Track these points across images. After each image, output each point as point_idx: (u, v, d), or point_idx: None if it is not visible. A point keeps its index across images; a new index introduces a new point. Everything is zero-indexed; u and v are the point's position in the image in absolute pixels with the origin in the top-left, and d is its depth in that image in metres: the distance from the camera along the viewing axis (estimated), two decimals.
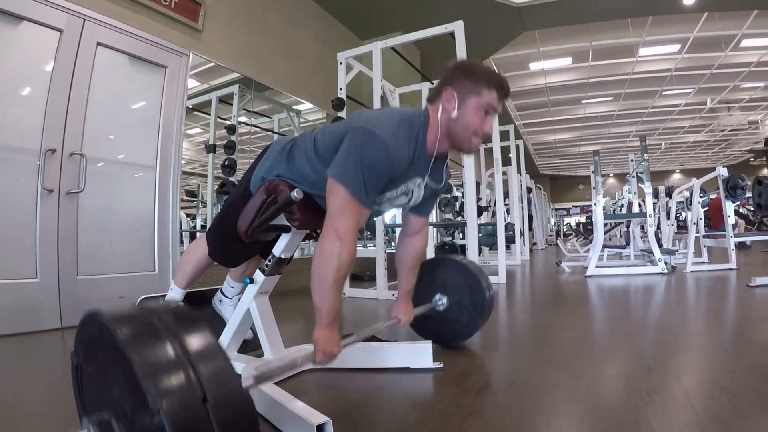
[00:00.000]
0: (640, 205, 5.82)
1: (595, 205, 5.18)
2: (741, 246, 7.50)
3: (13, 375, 1.85)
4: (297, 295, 3.73)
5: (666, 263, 4.71)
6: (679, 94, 11.52)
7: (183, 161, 3.56)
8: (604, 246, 5.70)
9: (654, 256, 4.78)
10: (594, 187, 5.24)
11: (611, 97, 11.73)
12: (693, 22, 7.49)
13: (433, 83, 4.72)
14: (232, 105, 4.27)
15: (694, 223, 5.16)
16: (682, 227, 7.77)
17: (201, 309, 1.88)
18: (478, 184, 7.64)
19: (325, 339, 1.26)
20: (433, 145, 1.37)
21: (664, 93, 11.30)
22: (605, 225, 5.87)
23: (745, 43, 8.28)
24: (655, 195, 6.51)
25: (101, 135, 3.05)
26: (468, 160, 3.85)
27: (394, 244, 5.10)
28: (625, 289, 3.90)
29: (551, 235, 15.88)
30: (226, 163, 3.99)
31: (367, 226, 4.82)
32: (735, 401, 1.25)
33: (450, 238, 6.71)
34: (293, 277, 3.03)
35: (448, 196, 6.54)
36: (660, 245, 5.07)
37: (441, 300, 1.95)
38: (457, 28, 3.65)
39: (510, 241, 6.58)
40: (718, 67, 9.47)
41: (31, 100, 2.72)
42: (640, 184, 5.42)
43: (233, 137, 4.14)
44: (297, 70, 5.03)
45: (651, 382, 1.44)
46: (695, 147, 18.34)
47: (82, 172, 2.85)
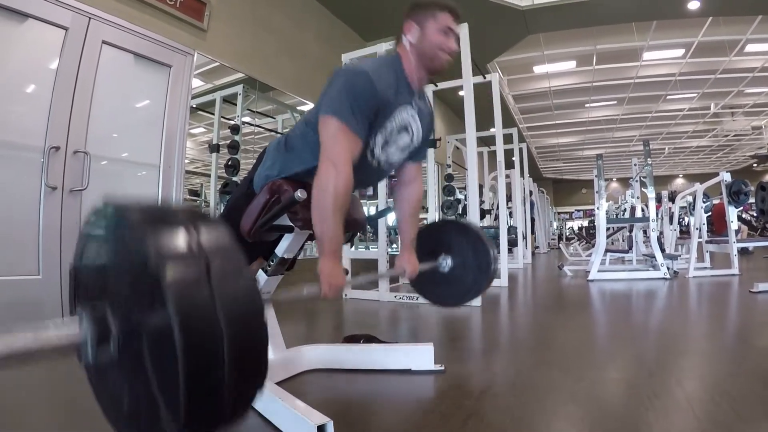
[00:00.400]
0: (642, 210, 5.82)
1: (597, 209, 5.16)
2: (743, 252, 7.47)
3: (14, 372, 1.85)
4: None
5: (668, 268, 4.70)
6: (682, 99, 11.48)
7: (186, 160, 3.57)
8: (607, 250, 5.69)
9: (656, 260, 4.77)
10: (597, 191, 5.23)
11: (615, 101, 11.70)
12: (697, 27, 7.47)
13: (437, 85, 4.72)
14: (236, 105, 4.28)
15: (697, 228, 5.14)
16: (685, 232, 7.74)
17: None
18: (481, 186, 7.65)
19: (330, 270, 1.26)
20: (411, 73, 1.46)
21: (668, 97, 11.27)
22: (608, 229, 5.85)
23: (750, 48, 8.25)
24: (658, 199, 6.48)
25: (105, 133, 3.06)
26: (471, 162, 3.85)
27: (395, 246, 5.11)
28: (627, 294, 3.89)
29: (554, 239, 15.85)
30: (230, 162, 4.00)
31: (369, 226, 4.82)
32: (736, 405, 1.24)
33: None
34: (295, 277, 3.03)
35: (451, 198, 6.54)
36: (662, 250, 5.05)
37: (445, 260, 1.94)
38: (462, 30, 3.65)
39: (512, 244, 6.56)
40: (722, 72, 9.43)
41: (36, 97, 2.73)
42: (643, 189, 5.40)
43: (237, 137, 4.15)
44: (301, 70, 5.03)
45: (652, 385, 1.44)
46: (699, 152, 18.27)
47: (86, 170, 2.86)
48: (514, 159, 7.77)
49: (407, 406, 1.40)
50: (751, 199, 4.86)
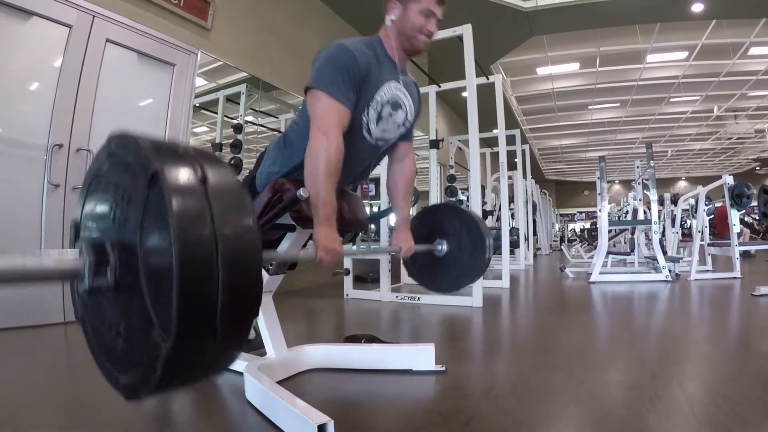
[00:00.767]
0: (645, 212, 5.80)
1: (600, 211, 5.16)
2: (746, 255, 7.44)
3: (16, 368, 1.86)
4: (299, 295, 3.73)
5: (670, 271, 4.69)
6: (686, 102, 11.46)
7: None
8: (609, 252, 5.68)
9: (658, 263, 4.76)
10: (599, 193, 5.22)
11: (618, 104, 11.68)
12: (701, 30, 7.46)
13: (440, 86, 4.72)
14: (239, 104, 4.28)
15: (699, 231, 5.13)
16: (687, 235, 7.73)
17: None
18: (483, 188, 7.64)
19: (325, 236, 1.28)
20: (392, 51, 1.50)
21: (671, 100, 11.24)
22: (610, 231, 5.84)
23: (753, 51, 8.23)
24: (661, 202, 6.47)
25: (108, 131, 3.02)
26: (474, 163, 3.84)
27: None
28: (628, 296, 3.88)
29: (555, 241, 15.83)
30: (232, 162, 4.00)
31: (371, 226, 4.82)
32: (737, 408, 1.24)
33: None
34: (296, 277, 3.03)
35: (454, 199, 6.53)
36: (664, 253, 5.04)
37: (441, 243, 1.93)
38: (466, 31, 3.65)
39: (514, 245, 6.56)
40: (725, 75, 9.42)
41: (39, 95, 2.73)
42: (645, 191, 5.39)
43: (240, 136, 4.16)
44: (304, 70, 4.99)
45: (654, 388, 1.43)
46: (701, 155, 18.24)
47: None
48: (516, 160, 7.77)
49: (408, 406, 1.40)
50: (754, 202, 4.86)
